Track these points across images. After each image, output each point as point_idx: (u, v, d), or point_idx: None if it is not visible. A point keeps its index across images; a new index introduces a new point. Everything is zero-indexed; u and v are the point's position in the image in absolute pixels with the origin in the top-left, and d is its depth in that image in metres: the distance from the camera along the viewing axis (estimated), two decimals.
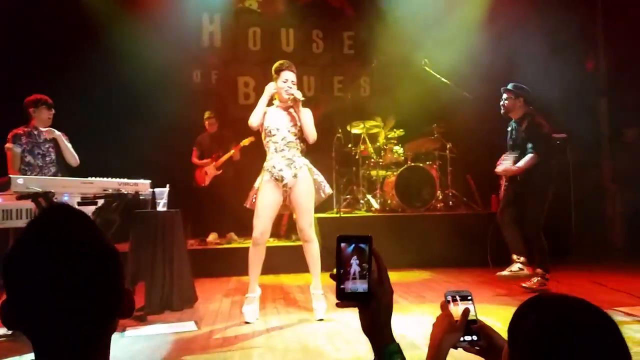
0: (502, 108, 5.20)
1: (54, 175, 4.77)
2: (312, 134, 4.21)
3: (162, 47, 7.58)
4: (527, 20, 7.67)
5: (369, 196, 7.33)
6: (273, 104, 4.32)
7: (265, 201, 4.13)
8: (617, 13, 7.83)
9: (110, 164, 4.87)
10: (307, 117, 4.22)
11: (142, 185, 4.10)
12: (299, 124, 4.21)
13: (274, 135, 4.19)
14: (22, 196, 3.76)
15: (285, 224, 7.26)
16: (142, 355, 3.34)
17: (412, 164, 7.19)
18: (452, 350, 1.26)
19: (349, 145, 7.58)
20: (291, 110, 4.25)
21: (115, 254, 0.98)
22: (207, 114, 7.29)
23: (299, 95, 4.15)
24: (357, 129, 7.59)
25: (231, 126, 7.38)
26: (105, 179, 3.92)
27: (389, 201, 7.22)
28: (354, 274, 1.11)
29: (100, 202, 3.92)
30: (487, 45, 7.68)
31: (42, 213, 0.99)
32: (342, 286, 1.11)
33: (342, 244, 1.11)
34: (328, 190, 4.37)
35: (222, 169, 7.15)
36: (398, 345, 1.12)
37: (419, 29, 7.77)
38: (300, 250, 4.39)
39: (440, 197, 7.30)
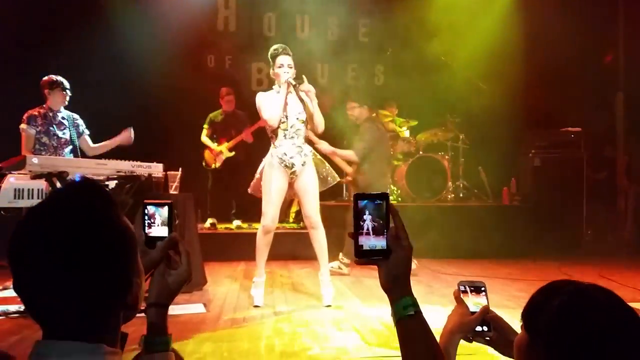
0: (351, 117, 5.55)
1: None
2: (321, 123, 4.21)
3: (177, 30, 7.58)
4: (546, 13, 7.58)
5: None
6: (273, 89, 4.30)
7: (276, 187, 4.14)
8: (638, 7, 7.71)
9: (123, 146, 4.90)
10: (315, 102, 4.18)
11: (155, 168, 4.15)
12: (305, 111, 4.19)
13: (283, 123, 4.16)
14: (36, 176, 3.81)
15: (291, 211, 7.26)
16: None
17: (424, 154, 7.17)
18: (463, 341, 1.27)
19: None
20: (299, 95, 4.20)
21: (127, 239, 0.93)
22: (225, 91, 6.91)
23: (288, 78, 4.10)
24: None
25: (243, 111, 7.36)
26: (118, 160, 3.96)
27: (398, 190, 7.21)
28: (368, 229, 1.11)
29: (114, 183, 3.97)
30: (504, 36, 7.61)
31: (64, 187, 0.97)
32: (360, 244, 1.11)
33: (358, 201, 1.11)
34: (332, 180, 4.38)
35: (234, 151, 6.90)
36: (414, 298, 1.11)
37: (435, 17, 7.70)
38: (308, 237, 4.41)
39: (451, 188, 7.29)
